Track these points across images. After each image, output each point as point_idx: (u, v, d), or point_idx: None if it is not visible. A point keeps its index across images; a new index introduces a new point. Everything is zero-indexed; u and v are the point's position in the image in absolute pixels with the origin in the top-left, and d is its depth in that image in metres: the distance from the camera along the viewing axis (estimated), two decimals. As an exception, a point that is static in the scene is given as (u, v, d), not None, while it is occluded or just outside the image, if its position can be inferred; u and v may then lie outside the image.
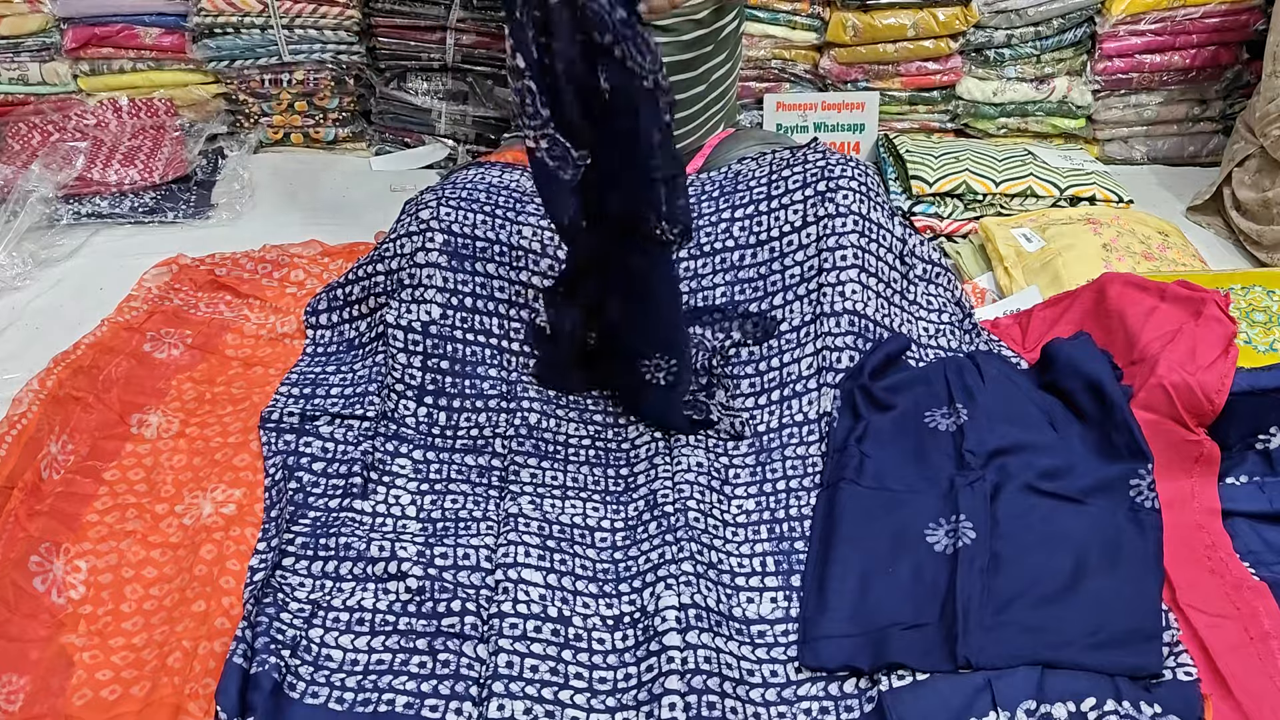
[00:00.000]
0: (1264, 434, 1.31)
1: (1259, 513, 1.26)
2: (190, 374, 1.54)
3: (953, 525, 1.19)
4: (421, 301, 1.42)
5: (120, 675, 1.15)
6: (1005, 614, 1.11)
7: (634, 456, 1.38)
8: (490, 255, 1.46)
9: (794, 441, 1.35)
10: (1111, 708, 1.02)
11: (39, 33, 2.04)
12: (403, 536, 1.25)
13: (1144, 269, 1.64)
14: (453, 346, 1.43)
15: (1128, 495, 1.23)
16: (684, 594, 1.15)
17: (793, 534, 1.26)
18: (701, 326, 1.45)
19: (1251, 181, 1.91)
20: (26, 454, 1.36)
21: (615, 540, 1.28)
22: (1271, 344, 1.47)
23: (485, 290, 1.45)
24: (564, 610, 1.18)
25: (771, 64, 2.10)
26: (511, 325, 1.46)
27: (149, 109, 2.11)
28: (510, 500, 1.30)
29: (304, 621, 1.16)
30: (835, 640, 1.13)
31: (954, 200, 1.90)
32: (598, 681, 1.12)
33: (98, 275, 1.78)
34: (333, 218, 1.96)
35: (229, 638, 1.14)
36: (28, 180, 1.89)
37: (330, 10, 2.04)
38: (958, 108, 2.13)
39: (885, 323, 1.43)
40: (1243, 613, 1.13)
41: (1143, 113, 2.15)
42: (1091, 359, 1.35)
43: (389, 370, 1.41)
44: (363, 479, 1.32)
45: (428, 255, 1.44)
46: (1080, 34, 2.06)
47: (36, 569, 1.24)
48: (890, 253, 1.49)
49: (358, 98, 2.17)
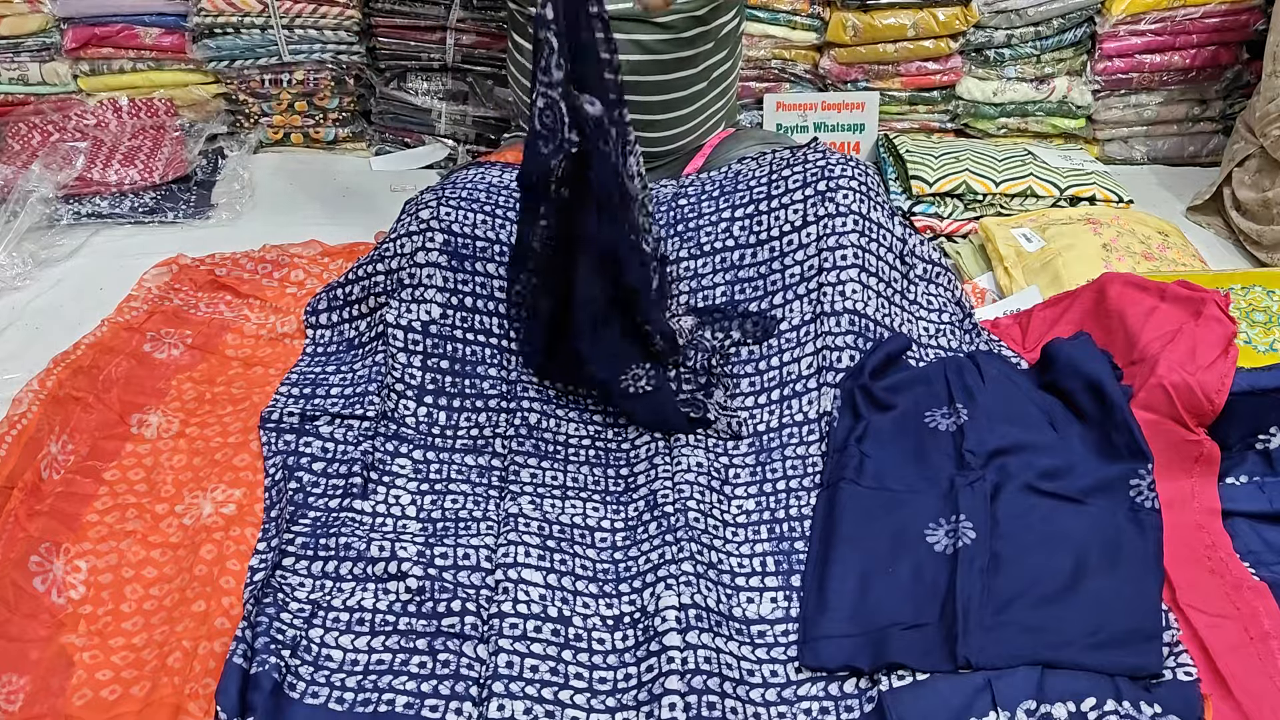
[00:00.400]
0: (1264, 434, 1.31)
1: (1259, 513, 1.26)
2: (190, 374, 1.54)
3: (953, 525, 1.19)
4: (421, 301, 1.42)
5: (120, 675, 1.15)
6: (1005, 614, 1.11)
7: (634, 457, 1.38)
8: (490, 255, 1.46)
9: (794, 441, 1.35)
10: (1111, 708, 1.02)
11: (39, 33, 2.04)
12: (403, 536, 1.25)
13: (1144, 269, 1.64)
14: (453, 346, 1.43)
15: (1128, 495, 1.23)
16: (684, 594, 1.15)
17: (793, 534, 1.26)
18: (701, 326, 1.45)
19: (1251, 181, 1.91)
20: (26, 454, 1.36)
21: (615, 540, 1.28)
22: (1271, 344, 1.47)
23: (485, 290, 1.45)
24: (564, 610, 1.18)
25: (771, 64, 2.10)
26: (512, 325, 1.46)
27: (149, 109, 2.11)
28: (510, 500, 1.30)
29: (304, 621, 1.16)
30: (835, 640, 1.13)
31: (954, 200, 1.90)
32: (598, 681, 1.12)
33: (98, 275, 1.78)
34: (333, 218, 1.96)
35: (229, 638, 1.14)
36: (28, 180, 1.89)
37: (330, 10, 2.04)
38: (958, 108, 2.13)
39: (886, 322, 1.43)
40: (1243, 613, 1.13)
41: (1143, 113, 2.15)
42: (1091, 359, 1.35)
43: (389, 370, 1.41)
44: (363, 479, 1.32)
45: (428, 255, 1.44)
46: (1080, 34, 2.06)
47: (36, 569, 1.24)
48: (890, 252, 1.49)
49: (358, 98, 2.17)
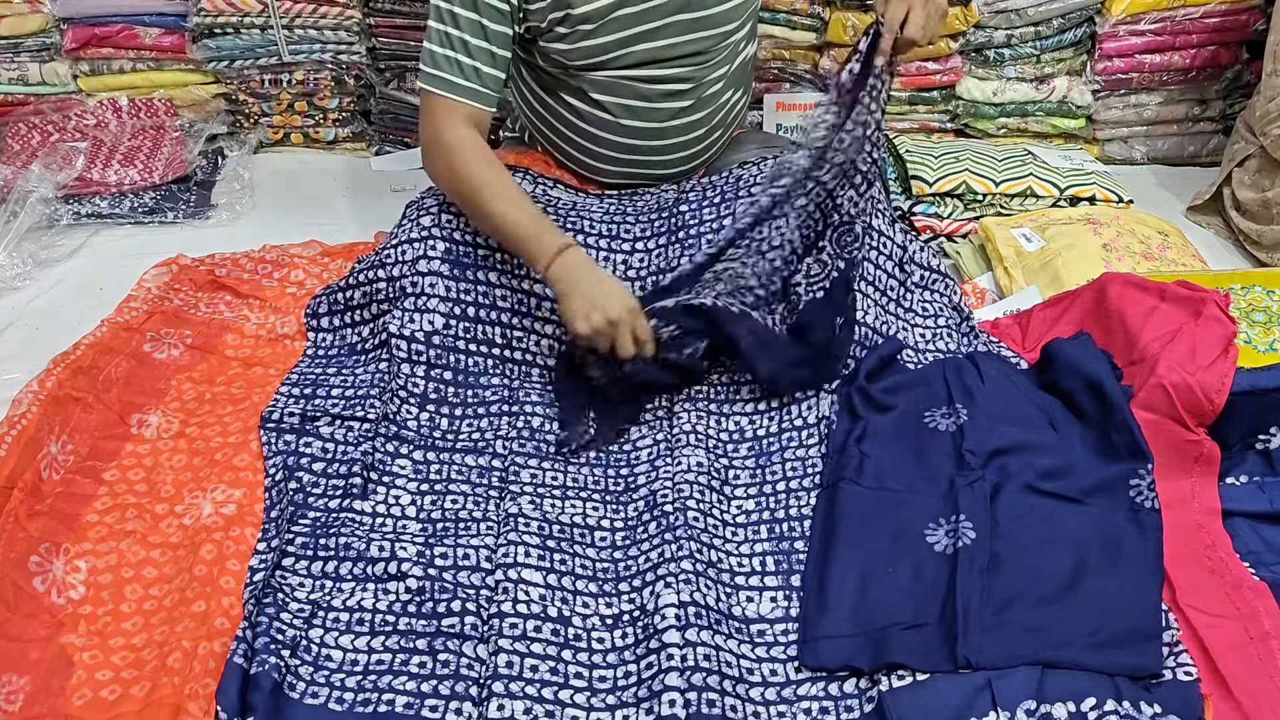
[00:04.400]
0: (1264, 434, 1.31)
1: (1259, 513, 1.26)
2: (190, 374, 1.54)
3: (953, 525, 1.19)
4: (424, 311, 1.42)
5: (120, 675, 1.15)
6: (1005, 614, 1.11)
7: (634, 458, 1.38)
8: (492, 264, 1.46)
9: (793, 444, 1.35)
10: (1111, 708, 1.02)
11: (39, 33, 2.04)
12: (403, 537, 1.25)
13: (1144, 269, 1.64)
14: (456, 357, 1.43)
15: (1128, 495, 1.23)
16: (683, 592, 1.15)
17: (792, 534, 1.26)
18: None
19: (1251, 181, 1.91)
20: (26, 454, 1.36)
21: (615, 540, 1.28)
22: (1271, 344, 1.47)
23: (488, 299, 1.45)
24: (564, 610, 1.18)
25: (771, 64, 2.10)
26: (514, 334, 1.46)
27: (149, 109, 2.11)
28: (510, 500, 1.30)
29: (304, 622, 1.16)
30: (835, 640, 1.13)
31: (954, 200, 1.90)
32: (597, 680, 1.12)
33: (98, 275, 1.78)
34: (333, 218, 1.96)
35: (229, 638, 1.14)
36: (28, 180, 1.89)
37: (330, 10, 2.04)
38: (958, 108, 2.13)
39: (883, 330, 1.44)
40: (1243, 613, 1.13)
41: (1143, 113, 2.15)
42: (1091, 359, 1.35)
43: (392, 377, 1.41)
44: (363, 479, 1.32)
45: (430, 264, 1.44)
46: (1080, 34, 2.06)
47: (36, 569, 1.24)
48: (890, 260, 1.49)
49: (358, 98, 2.17)
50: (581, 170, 1.63)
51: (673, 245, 1.51)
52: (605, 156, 1.58)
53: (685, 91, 1.52)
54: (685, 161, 1.62)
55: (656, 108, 1.52)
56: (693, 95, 1.52)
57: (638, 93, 1.49)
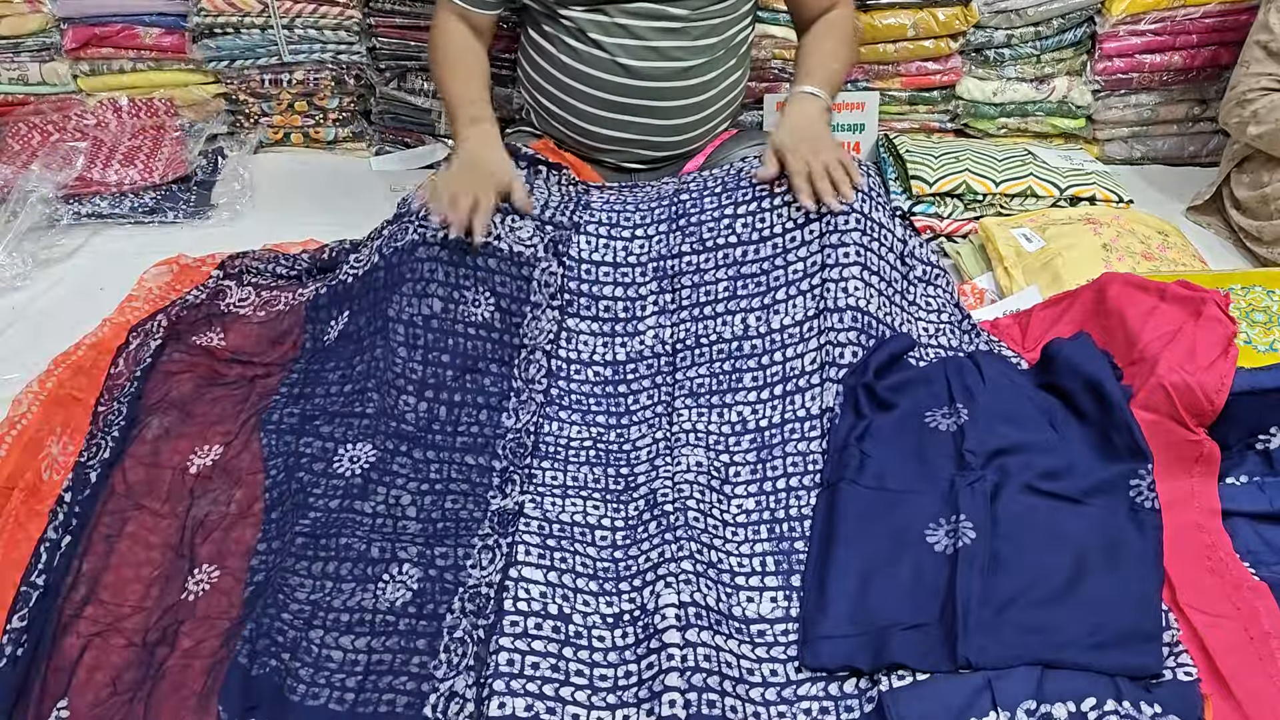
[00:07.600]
0: (1264, 434, 1.31)
1: (1259, 513, 1.26)
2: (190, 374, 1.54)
3: (953, 525, 1.19)
4: (423, 296, 1.42)
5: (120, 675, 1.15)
6: (1005, 614, 1.11)
7: (634, 457, 1.38)
8: (490, 250, 1.46)
9: (795, 437, 1.35)
10: (1111, 708, 1.02)
11: (39, 33, 2.04)
12: (402, 537, 1.25)
13: (1144, 269, 1.64)
14: (454, 341, 1.43)
15: (1128, 495, 1.23)
16: (684, 592, 1.15)
17: (793, 534, 1.26)
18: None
19: (1250, 180, 1.91)
20: (26, 454, 1.36)
21: (615, 539, 1.28)
22: (1271, 344, 1.47)
23: (487, 285, 1.46)
24: (564, 608, 1.18)
25: (771, 64, 2.10)
26: (513, 319, 1.46)
27: (149, 109, 2.11)
28: (510, 500, 1.30)
29: (304, 623, 1.16)
30: (835, 640, 1.13)
31: (954, 200, 1.90)
32: (598, 679, 1.12)
33: (98, 275, 1.79)
34: (333, 218, 1.96)
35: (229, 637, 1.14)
36: (28, 180, 1.89)
37: (330, 10, 2.04)
38: (958, 108, 2.13)
39: (888, 320, 1.43)
40: (1243, 613, 1.13)
41: (1142, 113, 2.15)
42: (1091, 359, 1.35)
43: (389, 365, 1.41)
44: (363, 479, 1.32)
45: (429, 250, 1.44)
46: (1080, 34, 2.06)
47: (37, 569, 1.24)
48: (891, 253, 1.49)
49: (358, 98, 2.17)
50: (580, 138, 1.69)
51: (674, 233, 1.52)
52: (603, 102, 1.65)
53: (681, 30, 1.60)
54: (682, 130, 1.68)
55: (653, 46, 1.59)
56: (688, 36, 1.61)
57: (634, 31, 1.58)
